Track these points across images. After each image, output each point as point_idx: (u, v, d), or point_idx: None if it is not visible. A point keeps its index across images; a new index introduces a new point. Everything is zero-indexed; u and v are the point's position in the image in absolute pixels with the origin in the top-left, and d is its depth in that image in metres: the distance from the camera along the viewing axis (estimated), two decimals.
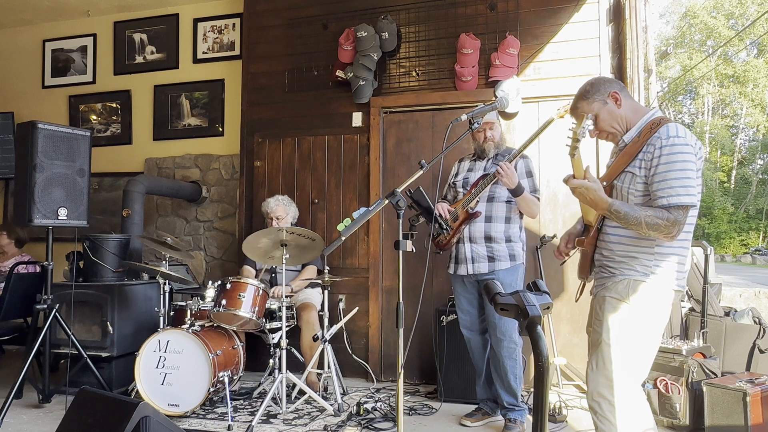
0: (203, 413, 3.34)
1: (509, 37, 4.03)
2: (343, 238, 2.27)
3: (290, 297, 3.84)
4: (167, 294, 3.63)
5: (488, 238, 3.10)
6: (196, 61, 5.21)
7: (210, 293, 3.54)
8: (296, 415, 3.31)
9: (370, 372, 4.18)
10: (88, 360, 3.48)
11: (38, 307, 3.38)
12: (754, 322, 3.69)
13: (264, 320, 3.50)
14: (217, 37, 5.16)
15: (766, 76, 27.15)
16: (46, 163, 3.35)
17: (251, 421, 3.05)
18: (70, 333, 3.43)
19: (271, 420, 3.22)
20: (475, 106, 2.57)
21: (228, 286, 3.37)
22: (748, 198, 28.37)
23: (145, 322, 3.87)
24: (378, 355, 4.24)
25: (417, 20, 4.33)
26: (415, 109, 4.33)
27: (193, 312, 3.48)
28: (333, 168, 4.49)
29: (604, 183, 1.98)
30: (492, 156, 3.23)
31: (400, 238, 2.11)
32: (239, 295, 3.34)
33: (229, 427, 3.05)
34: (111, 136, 5.46)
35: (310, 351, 3.67)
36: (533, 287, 1.44)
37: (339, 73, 4.37)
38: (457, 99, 4.19)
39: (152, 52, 5.36)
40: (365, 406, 3.35)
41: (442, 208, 3.19)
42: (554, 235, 3.81)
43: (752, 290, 5.72)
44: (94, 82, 5.54)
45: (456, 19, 4.24)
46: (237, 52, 5.04)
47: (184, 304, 3.67)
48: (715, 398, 2.82)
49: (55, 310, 3.38)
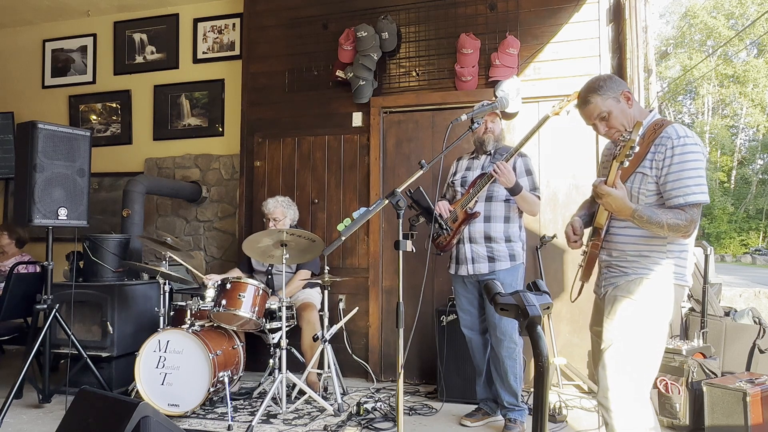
0: (203, 413, 3.34)
1: (509, 37, 4.03)
2: (343, 238, 2.27)
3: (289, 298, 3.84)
4: (167, 294, 3.63)
5: (488, 238, 3.10)
6: (196, 61, 5.21)
7: (210, 293, 3.54)
8: (296, 415, 3.31)
9: (370, 372, 4.18)
10: (88, 360, 3.48)
11: (38, 307, 3.38)
12: (754, 322, 3.69)
13: (264, 320, 3.50)
14: (217, 37, 5.16)
15: (766, 76, 27.15)
16: (46, 163, 3.35)
17: (251, 421, 3.05)
18: (70, 333, 3.43)
19: (271, 420, 3.22)
20: (474, 107, 2.57)
21: (228, 286, 3.38)
22: (748, 198, 28.38)
23: (145, 322, 3.87)
24: (378, 355, 4.24)
25: (417, 20, 4.33)
26: (415, 109, 4.33)
27: (193, 312, 3.48)
28: (333, 168, 4.49)
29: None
30: (491, 151, 3.22)
31: (400, 238, 2.11)
32: (239, 295, 3.34)
33: (229, 427, 3.05)
34: (111, 136, 5.46)
35: (310, 351, 3.67)
36: (533, 287, 1.44)
37: (339, 73, 4.37)
38: (457, 99, 4.19)
39: (152, 52, 5.36)
40: (365, 406, 3.35)
41: (443, 207, 3.19)
42: (554, 235, 3.81)
43: (752, 290, 5.72)
44: (94, 82, 5.54)
45: (456, 19, 4.24)
46: (237, 52, 5.04)
47: (184, 304, 3.67)
48: (715, 398, 2.82)
49: (55, 310, 3.38)
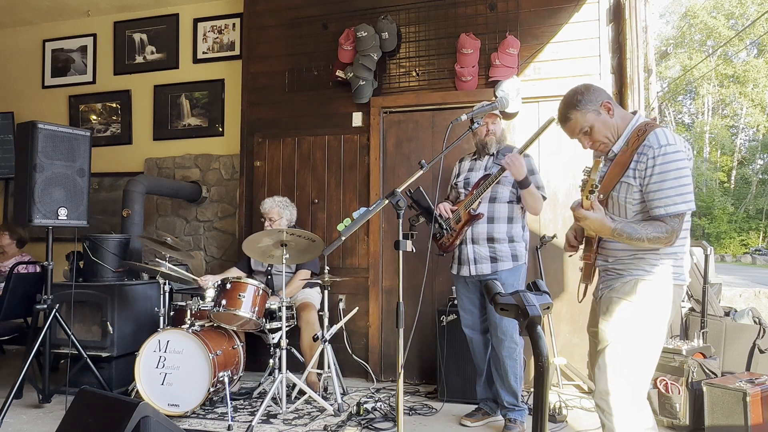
0: (203, 413, 3.34)
1: (509, 37, 4.03)
2: (343, 238, 2.27)
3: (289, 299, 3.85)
4: (167, 294, 3.63)
5: (491, 239, 3.10)
6: (196, 61, 5.21)
7: (210, 293, 3.54)
8: (296, 415, 3.31)
9: (370, 372, 4.18)
10: (88, 360, 3.48)
11: (38, 307, 3.38)
12: (754, 322, 3.69)
13: (264, 320, 3.50)
14: (217, 37, 5.16)
15: (766, 76, 27.14)
16: (46, 163, 3.35)
17: (251, 421, 3.05)
18: (70, 333, 3.43)
19: (271, 420, 3.22)
20: (474, 107, 2.57)
21: (228, 286, 3.38)
22: (748, 198, 28.37)
23: (145, 322, 3.87)
24: (378, 355, 4.24)
25: (417, 20, 4.33)
26: (415, 109, 4.33)
27: (193, 312, 3.48)
28: (333, 168, 4.49)
29: (601, 196, 1.99)
30: (493, 153, 3.22)
31: (400, 238, 2.11)
32: (239, 295, 3.34)
33: (229, 427, 3.05)
34: (111, 136, 5.46)
35: (310, 351, 3.67)
36: (533, 287, 1.44)
37: (339, 73, 4.37)
38: (457, 99, 4.19)
39: (152, 52, 5.36)
40: (365, 406, 3.35)
41: (444, 208, 3.19)
42: (554, 235, 3.81)
43: (752, 290, 5.72)
44: (94, 82, 5.54)
45: (456, 19, 4.24)
46: (237, 52, 5.04)
47: (184, 304, 3.67)
48: (715, 398, 2.82)
49: (55, 310, 3.38)
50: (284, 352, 3.32)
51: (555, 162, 3.99)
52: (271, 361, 3.66)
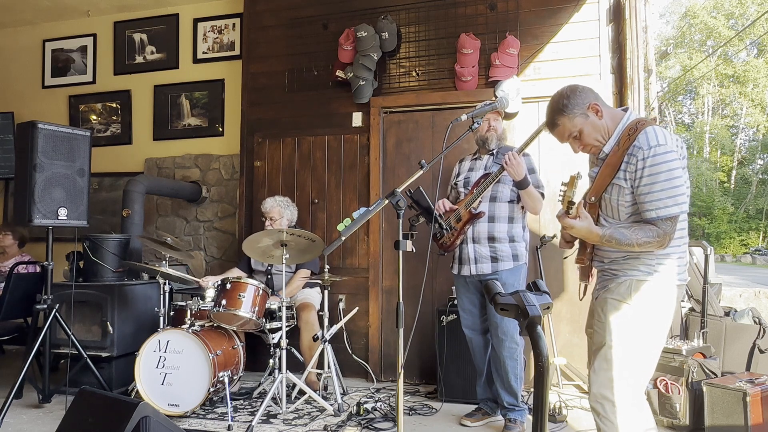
0: (203, 413, 3.34)
1: (509, 37, 4.03)
2: (343, 238, 2.27)
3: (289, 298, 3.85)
4: (167, 294, 3.63)
5: (491, 239, 3.10)
6: (196, 61, 5.21)
7: (210, 293, 3.54)
8: (296, 415, 3.31)
9: (370, 372, 4.18)
10: (88, 360, 3.48)
11: (38, 307, 3.38)
12: (754, 322, 3.69)
13: (264, 320, 3.50)
14: (217, 37, 5.16)
15: (766, 76, 27.15)
16: (46, 163, 3.36)
17: (251, 421, 3.05)
18: (70, 333, 3.43)
19: (271, 420, 3.22)
20: (474, 107, 2.57)
21: (228, 286, 3.38)
22: (748, 198, 28.38)
23: (145, 322, 3.87)
24: (378, 355, 4.24)
25: (417, 20, 4.33)
26: (415, 109, 4.33)
27: (193, 312, 3.48)
28: (333, 168, 4.49)
29: (593, 198, 1.97)
30: (493, 150, 3.22)
31: (400, 238, 2.11)
32: (239, 295, 3.34)
33: (229, 427, 3.05)
34: (111, 136, 5.46)
35: (309, 351, 3.67)
36: (533, 287, 1.44)
37: (339, 73, 4.37)
38: (457, 99, 4.19)
39: (152, 52, 5.36)
40: (365, 406, 3.35)
41: (443, 203, 3.19)
42: (554, 235, 3.81)
43: (752, 290, 5.72)
44: (94, 82, 5.54)
45: (456, 19, 4.24)
46: (237, 52, 5.04)
47: (184, 304, 3.67)
48: (715, 398, 2.82)
49: (55, 310, 3.38)
50: (284, 352, 3.32)
51: (555, 161, 3.99)
52: (271, 361, 3.66)
